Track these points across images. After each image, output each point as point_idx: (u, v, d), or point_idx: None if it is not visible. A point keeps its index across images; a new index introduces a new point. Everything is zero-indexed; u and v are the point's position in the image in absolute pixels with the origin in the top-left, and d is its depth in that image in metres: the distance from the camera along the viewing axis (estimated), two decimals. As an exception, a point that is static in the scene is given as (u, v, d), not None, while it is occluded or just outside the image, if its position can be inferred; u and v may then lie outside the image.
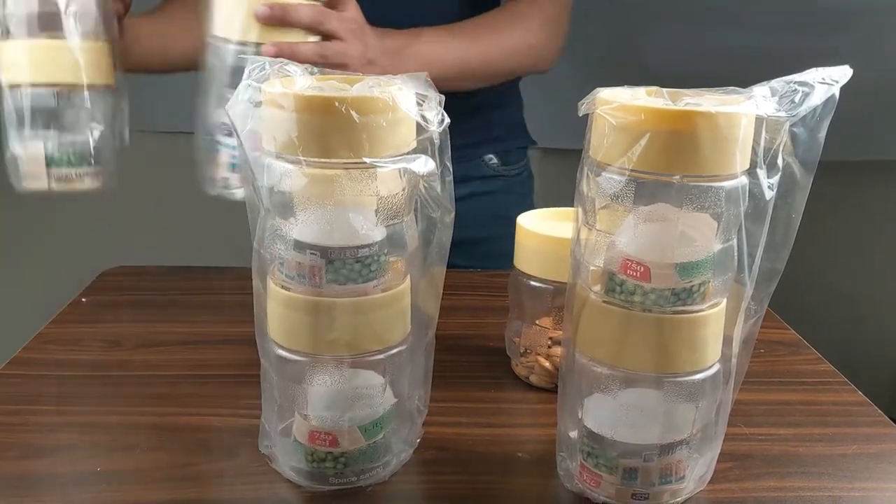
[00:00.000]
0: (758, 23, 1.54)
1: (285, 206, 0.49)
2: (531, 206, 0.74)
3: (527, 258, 0.67)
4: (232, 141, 0.65)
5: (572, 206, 0.52)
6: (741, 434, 0.63)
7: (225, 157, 0.66)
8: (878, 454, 0.60)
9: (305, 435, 0.53)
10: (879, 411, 0.67)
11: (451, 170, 0.52)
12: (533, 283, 0.67)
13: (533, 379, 0.69)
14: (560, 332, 0.67)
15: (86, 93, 0.66)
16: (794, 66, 1.49)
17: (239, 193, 0.66)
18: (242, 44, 0.65)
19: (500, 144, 1.08)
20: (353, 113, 0.46)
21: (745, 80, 0.48)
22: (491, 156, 1.08)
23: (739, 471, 0.58)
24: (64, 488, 0.53)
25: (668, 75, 1.55)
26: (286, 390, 0.53)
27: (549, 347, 0.68)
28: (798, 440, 0.62)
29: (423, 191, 0.51)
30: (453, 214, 0.52)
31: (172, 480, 0.55)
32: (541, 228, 0.66)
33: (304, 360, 0.51)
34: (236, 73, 0.57)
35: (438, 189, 0.51)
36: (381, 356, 0.52)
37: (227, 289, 0.90)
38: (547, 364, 0.67)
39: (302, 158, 0.47)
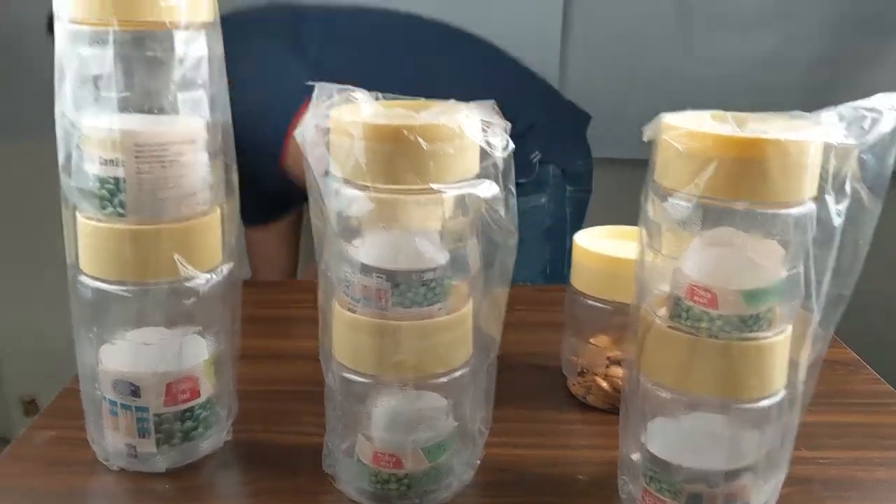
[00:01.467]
0: (809, 28, 1.52)
1: (352, 231, 0.50)
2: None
3: (584, 277, 0.67)
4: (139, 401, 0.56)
5: (625, 220, 0.52)
6: (803, 457, 0.62)
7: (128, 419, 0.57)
8: (943, 479, 0.60)
9: (369, 456, 0.53)
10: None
11: (514, 193, 0.52)
12: (590, 301, 0.67)
13: (590, 399, 0.69)
14: (618, 353, 0.67)
15: None
16: (843, 74, 1.46)
17: (161, 463, 0.57)
18: None
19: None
20: (421, 140, 0.47)
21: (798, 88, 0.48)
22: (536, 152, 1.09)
23: (802, 495, 0.57)
24: (129, 501, 0.55)
25: (716, 86, 1.54)
26: (350, 411, 0.54)
27: (607, 367, 0.68)
28: (858, 464, 0.62)
29: (486, 214, 0.51)
30: (516, 237, 0.53)
31: (237, 497, 0.56)
32: (596, 247, 0.66)
33: (368, 381, 0.52)
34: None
35: (502, 212, 0.51)
36: (445, 379, 0.52)
37: (291, 303, 0.91)
38: (605, 385, 0.67)
39: (370, 185, 0.48)
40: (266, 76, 1.07)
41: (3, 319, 1.92)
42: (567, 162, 1.23)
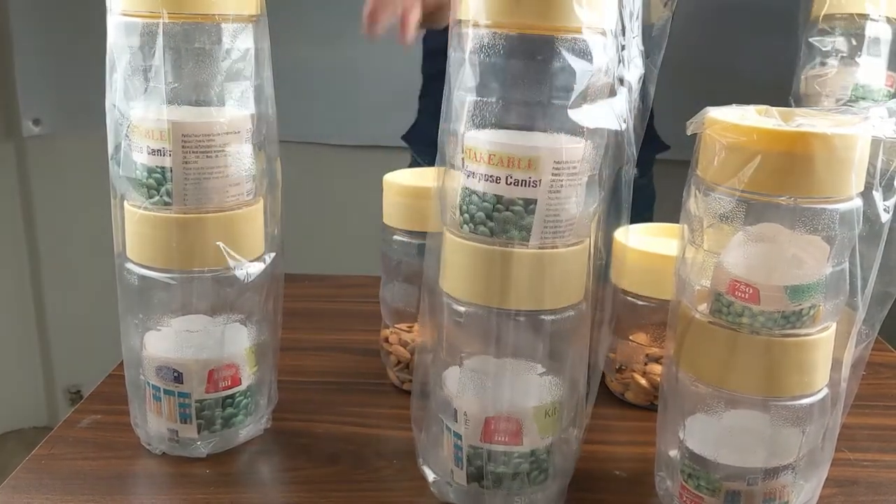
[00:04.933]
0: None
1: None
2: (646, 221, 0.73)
3: (623, 274, 0.67)
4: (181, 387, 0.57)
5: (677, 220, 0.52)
6: (845, 459, 0.61)
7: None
8: None
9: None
10: None
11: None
12: (630, 298, 0.67)
13: (628, 396, 0.69)
14: (656, 349, 0.67)
15: None
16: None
17: (201, 448, 0.58)
18: None
19: None
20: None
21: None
22: None
23: (844, 497, 0.57)
24: (172, 488, 0.56)
25: (768, 88, 1.52)
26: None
27: (646, 364, 0.67)
28: (905, 467, 0.61)
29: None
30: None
31: (275, 483, 0.57)
32: (638, 244, 0.66)
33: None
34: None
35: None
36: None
37: (328, 297, 0.92)
38: (643, 382, 0.67)
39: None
40: None
41: (52, 310, 1.96)
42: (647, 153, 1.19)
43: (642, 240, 0.68)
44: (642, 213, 1.14)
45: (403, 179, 0.66)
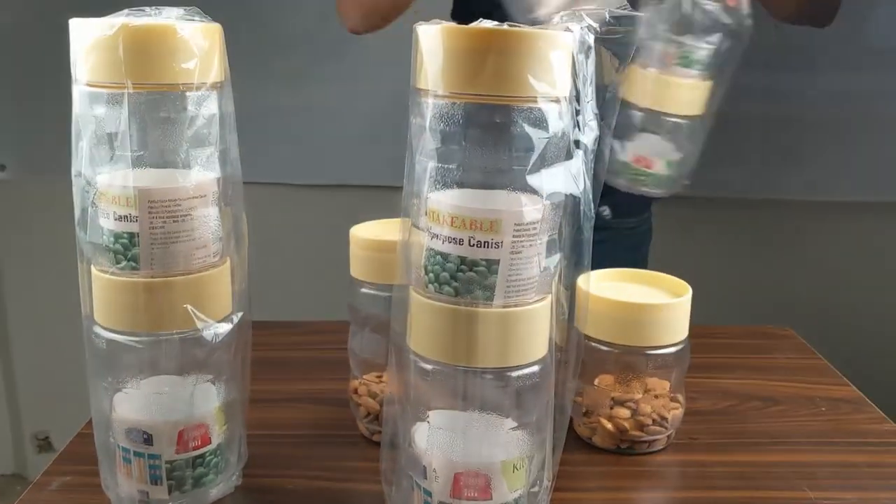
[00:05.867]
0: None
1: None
2: (639, 260, 0.74)
3: (587, 320, 0.68)
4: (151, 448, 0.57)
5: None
6: (806, 498, 0.63)
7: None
8: (948, 521, 0.60)
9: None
10: (947, 474, 0.66)
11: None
12: (593, 344, 0.68)
13: (596, 440, 0.70)
14: (621, 393, 0.68)
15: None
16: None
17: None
18: None
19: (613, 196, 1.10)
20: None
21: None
22: (604, 207, 1.09)
23: (806, 537, 0.58)
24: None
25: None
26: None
27: (611, 408, 0.69)
28: (865, 504, 0.62)
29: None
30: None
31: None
32: (599, 291, 0.67)
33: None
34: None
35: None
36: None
37: (291, 345, 0.92)
38: (609, 426, 0.68)
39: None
40: None
41: (19, 356, 1.94)
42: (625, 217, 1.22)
43: (603, 286, 0.69)
44: (632, 253, 1.19)
45: (369, 233, 0.67)
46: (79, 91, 0.53)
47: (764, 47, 1.49)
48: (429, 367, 0.51)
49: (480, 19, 0.47)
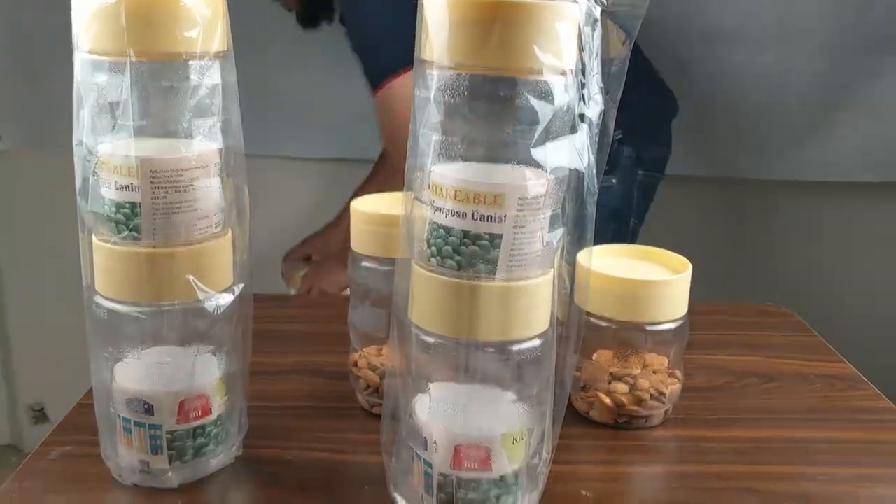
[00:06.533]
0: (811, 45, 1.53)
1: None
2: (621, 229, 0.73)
3: (587, 296, 0.68)
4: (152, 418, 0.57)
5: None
6: (800, 473, 0.63)
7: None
8: (940, 496, 0.61)
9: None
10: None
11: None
12: (593, 320, 0.68)
13: (593, 414, 0.70)
14: (619, 368, 0.69)
15: None
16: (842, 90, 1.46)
17: (173, 479, 0.59)
18: None
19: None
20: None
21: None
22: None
23: (801, 512, 0.59)
24: (148, 520, 0.56)
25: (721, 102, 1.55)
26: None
27: (610, 383, 0.69)
28: (858, 480, 0.63)
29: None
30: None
31: (248, 513, 0.58)
32: (600, 267, 0.68)
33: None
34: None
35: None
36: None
37: (288, 318, 0.92)
38: (608, 400, 0.68)
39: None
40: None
41: (14, 326, 1.94)
42: (644, 147, 1.28)
43: (605, 262, 0.70)
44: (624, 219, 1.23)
45: (371, 207, 0.66)
46: (80, 59, 0.52)
47: (753, 29, 1.51)
48: (431, 340, 0.51)
49: None
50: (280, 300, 0.97)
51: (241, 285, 0.59)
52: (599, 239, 0.55)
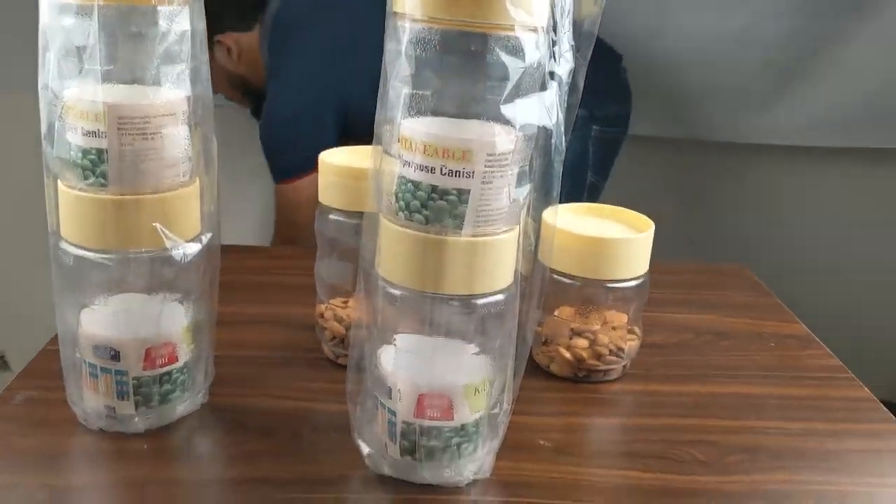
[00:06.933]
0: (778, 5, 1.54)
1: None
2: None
3: (551, 253, 0.69)
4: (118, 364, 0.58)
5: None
6: (750, 426, 0.66)
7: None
8: (882, 450, 0.64)
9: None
10: (884, 408, 0.70)
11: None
12: (556, 276, 0.69)
13: (553, 368, 0.72)
14: (580, 324, 0.70)
15: None
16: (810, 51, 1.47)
17: (139, 424, 0.59)
18: None
19: None
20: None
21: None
22: None
23: (749, 463, 0.61)
24: (110, 463, 0.57)
25: (689, 61, 1.56)
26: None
27: (570, 339, 0.71)
28: (807, 434, 0.65)
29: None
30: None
31: (212, 458, 0.59)
32: (564, 225, 0.69)
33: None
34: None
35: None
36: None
37: (262, 269, 0.93)
38: (568, 355, 0.70)
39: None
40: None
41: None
42: (595, 105, 1.29)
43: (569, 220, 0.71)
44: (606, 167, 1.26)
45: (339, 159, 0.67)
46: (47, 1, 0.51)
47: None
48: (397, 293, 0.52)
49: None
50: (247, 251, 0.97)
51: (209, 234, 0.59)
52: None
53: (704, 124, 1.67)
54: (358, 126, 0.49)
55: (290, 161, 1.28)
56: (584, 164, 1.35)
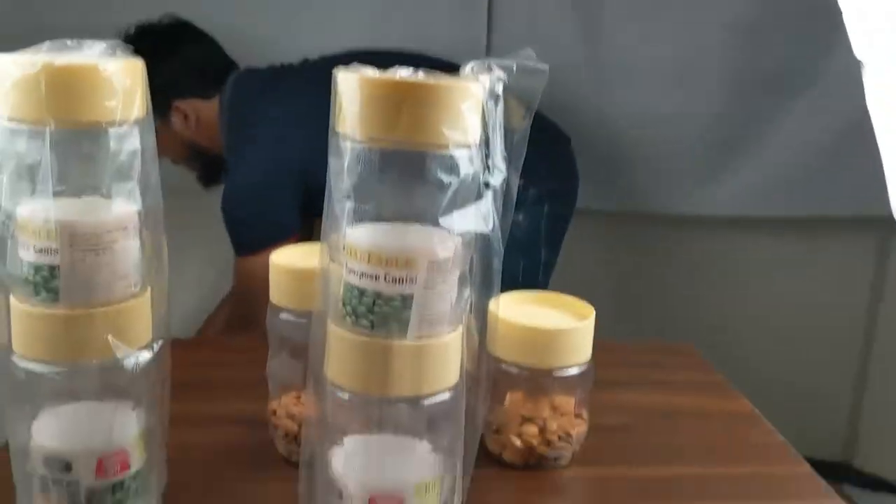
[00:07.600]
0: (709, 85, 1.61)
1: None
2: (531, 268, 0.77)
3: (496, 343, 0.72)
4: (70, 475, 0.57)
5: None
6: (698, 509, 0.67)
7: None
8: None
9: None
10: (826, 483, 0.72)
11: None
12: (503, 366, 0.71)
13: (505, 456, 0.73)
14: (529, 412, 0.72)
15: None
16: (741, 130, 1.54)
17: None
18: None
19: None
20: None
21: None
22: None
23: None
24: None
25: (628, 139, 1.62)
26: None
27: (521, 425, 0.72)
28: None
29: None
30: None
31: None
32: (508, 315, 0.71)
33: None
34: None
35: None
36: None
37: (207, 363, 0.93)
38: (518, 443, 0.72)
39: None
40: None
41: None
42: (545, 184, 1.35)
43: (512, 310, 0.73)
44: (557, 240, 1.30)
45: (290, 260, 0.68)
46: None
47: (659, 69, 1.58)
48: (345, 396, 0.53)
49: (397, 66, 0.50)
50: (198, 345, 0.97)
51: (160, 341, 0.60)
52: (509, 275, 0.58)
53: (645, 197, 1.72)
54: (321, 198, 0.51)
55: (252, 236, 1.29)
56: (537, 241, 1.39)
